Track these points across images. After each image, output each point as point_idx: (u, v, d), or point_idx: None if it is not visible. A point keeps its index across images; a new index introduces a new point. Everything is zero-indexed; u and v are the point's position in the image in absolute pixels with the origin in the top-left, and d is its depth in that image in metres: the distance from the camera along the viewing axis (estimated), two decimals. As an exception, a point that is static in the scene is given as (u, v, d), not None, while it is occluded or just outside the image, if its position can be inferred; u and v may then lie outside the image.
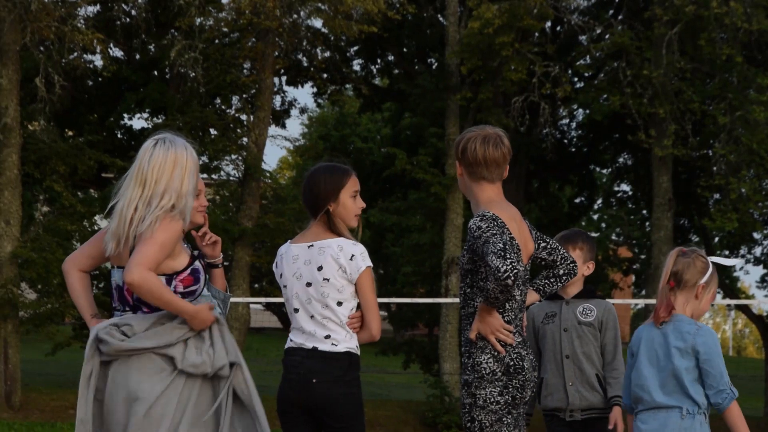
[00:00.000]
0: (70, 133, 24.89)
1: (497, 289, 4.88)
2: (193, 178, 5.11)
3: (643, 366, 5.53)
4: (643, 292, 38.32)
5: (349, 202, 5.45)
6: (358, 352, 5.42)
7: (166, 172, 5.04)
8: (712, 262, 5.66)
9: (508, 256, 4.87)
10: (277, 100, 26.78)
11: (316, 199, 5.43)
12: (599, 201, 36.13)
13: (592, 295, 6.84)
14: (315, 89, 27.74)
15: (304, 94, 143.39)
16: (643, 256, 36.56)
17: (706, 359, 5.40)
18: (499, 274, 4.84)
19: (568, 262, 5.49)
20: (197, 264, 5.15)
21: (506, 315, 5.15)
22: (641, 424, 5.49)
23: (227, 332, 5.03)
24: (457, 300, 17.83)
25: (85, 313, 5.29)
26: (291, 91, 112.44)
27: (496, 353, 5.11)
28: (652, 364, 5.51)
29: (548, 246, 5.44)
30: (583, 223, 38.63)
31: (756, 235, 34.08)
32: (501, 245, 4.90)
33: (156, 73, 24.91)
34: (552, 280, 5.50)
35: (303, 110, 29.18)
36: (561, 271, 5.49)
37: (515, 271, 4.84)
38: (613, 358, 6.73)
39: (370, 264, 5.41)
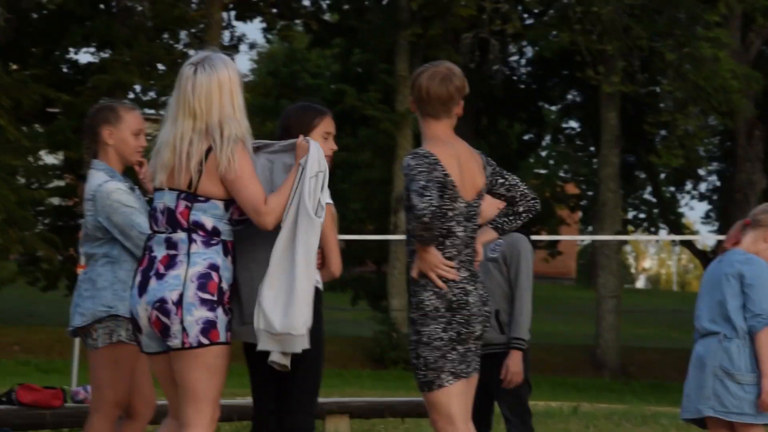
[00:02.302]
0: (15, 67, 24.55)
1: (418, 226, 4.90)
2: (241, 95, 5.00)
3: (700, 297, 5.94)
4: (590, 228, 38.64)
5: (320, 143, 5.42)
6: (320, 286, 5.40)
7: (215, 101, 4.93)
8: None
9: (427, 194, 4.87)
10: (226, 36, 26.56)
11: (287, 136, 5.38)
12: (548, 138, 36.28)
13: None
14: (264, 25, 27.53)
15: (253, 30, 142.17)
16: (590, 193, 36.84)
17: (750, 284, 5.73)
18: (416, 212, 4.86)
19: (528, 198, 5.37)
20: None
21: (447, 251, 5.14)
22: (695, 351, 5.86)
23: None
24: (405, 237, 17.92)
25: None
26: (240, 27, 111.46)
27: (438, 290, 5.12)
28: (705, 294, 5.90)
29: (506, 182, 5.35)
30: (531, 160, 38.82)
31: (701, 172, 34.46)
32: (422, 183, 4.91)
33: (102, 6, 24.59)
34: (511, 218, 5.40)
35: (252, 46, 29.01)
36: (521, 209, 5.39)
37: (432, 208, 4.84)
38: (513, 295, 6.52)
39: (329, 201, 5.38)
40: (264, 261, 5.07)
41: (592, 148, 33.37)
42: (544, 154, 41.38)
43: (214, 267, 4.91)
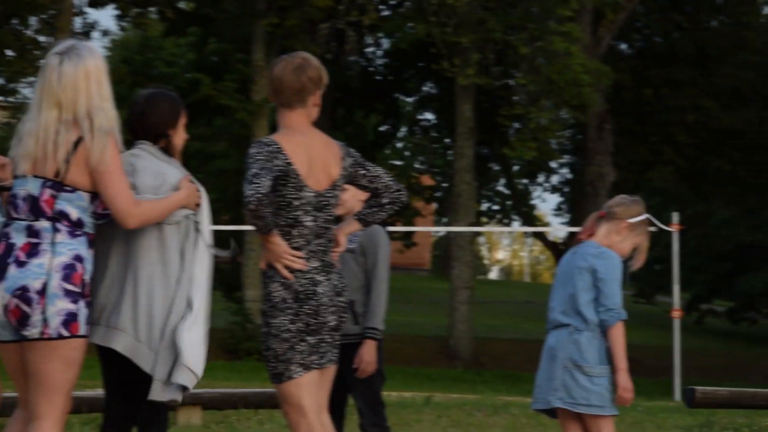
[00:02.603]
0: None
1: (247, 215, 4.90)
2: (108, 84, 4.95)
3: (553, 289, 5.93)
4: (445, 220, 39.01)
5: (182, 133, 5.36)
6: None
7: (82, 90, 4.85)
8: (648, 218, 5.96)
9: (255, 181, 4.86)
10: (78, 22, 26.06)
11: (158, 124, 5.25)
12: (403, 129, 36.50)
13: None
14: (118, 12, 27.09)
15: (106, 16, 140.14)
16: (445, 185, 37.19)
17: (602, 278, 5.73)
18: (244, 199, 4.86)
19: (393, 190, 5.30)
20: None
21: (294, 241, 5.11)
22: (546, 343, 5.86)
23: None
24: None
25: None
26: (93, 13, 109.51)
27: (285, 280, 5.09)
28: (558, 286, 5.90)
29: (369, 173, 5.28)
30: (387, 151, 39.01)
31: (553, 164, 35.10)
32: (254, 171, 4.91)
33: (-52, -11, 23.91)
34: (375, 209, 5.33)
35: (105, 33, 28.52)
36: (385, 200, 5.32)
37: (258, 195, 4.82)
38: (369, 286, 6.51)
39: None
40: (117, 263, 5.06)
41: (447, 140, 33.69)
42: (399, 145, 41.64)
43: (78, 258, 4.83)
